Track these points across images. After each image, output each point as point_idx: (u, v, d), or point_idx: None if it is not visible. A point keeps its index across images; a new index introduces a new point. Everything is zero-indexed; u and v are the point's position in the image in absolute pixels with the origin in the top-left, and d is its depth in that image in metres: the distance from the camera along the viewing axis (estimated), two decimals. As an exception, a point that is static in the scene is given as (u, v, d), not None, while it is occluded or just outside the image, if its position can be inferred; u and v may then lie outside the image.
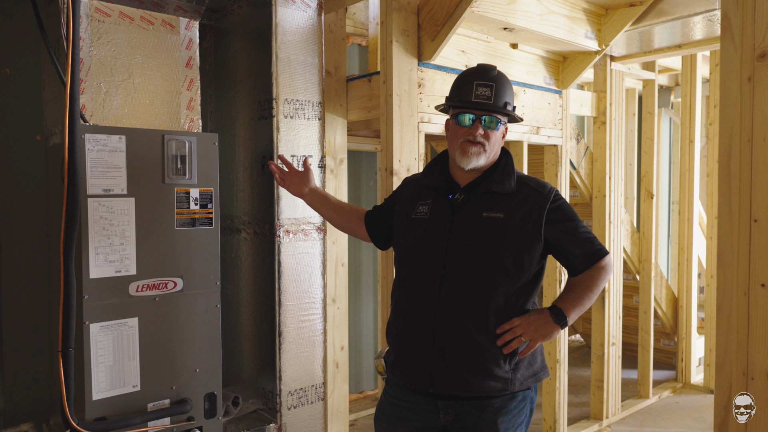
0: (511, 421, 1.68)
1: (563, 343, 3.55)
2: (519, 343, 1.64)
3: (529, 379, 1.70)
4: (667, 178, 6.43)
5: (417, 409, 1.71)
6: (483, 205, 1.68)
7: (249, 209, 2.59)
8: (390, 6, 2.51)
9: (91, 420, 1.95)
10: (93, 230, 1.95)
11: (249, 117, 2.58)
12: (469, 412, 1.67)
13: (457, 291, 1.65)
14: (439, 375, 1.65)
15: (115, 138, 1.99)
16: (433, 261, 1.68)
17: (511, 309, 1.67)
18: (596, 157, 3.91)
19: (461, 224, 1.68)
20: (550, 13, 2.90)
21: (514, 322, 1.64)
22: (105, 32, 2.22)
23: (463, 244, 1.66)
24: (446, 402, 1.68)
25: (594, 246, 1.70)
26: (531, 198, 1.69)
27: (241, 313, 2.67)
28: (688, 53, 3.82)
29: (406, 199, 1.84)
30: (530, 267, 1.67)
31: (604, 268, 1.69)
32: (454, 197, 1.72)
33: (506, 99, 1.71)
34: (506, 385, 1.66)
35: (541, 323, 1.65)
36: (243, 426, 2.40)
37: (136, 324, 2.05)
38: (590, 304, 1.70)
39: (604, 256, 1.70)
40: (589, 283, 1.69)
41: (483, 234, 1.66)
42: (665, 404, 4.34)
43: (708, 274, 4.62)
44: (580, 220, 1.72)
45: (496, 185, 1.70)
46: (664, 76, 5.18)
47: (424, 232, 1.72)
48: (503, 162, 1.75)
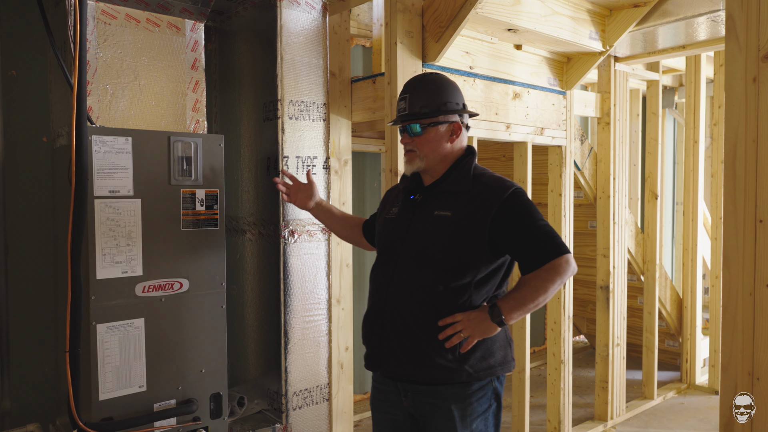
0: (468, 409, 1.73)
1: (567, 345, 3.55)
2: (459, 339, 1.69)
3: (483, 371, 1.73)
4: (671, 178, 6.42)
5: (386, 390, 1.85)
6: (436, 204, 1.77)
7: (254, 210, 2.60)
8: (394, 7, 2.52)
9: (97, 420, 1.96)
10: (100, 231, 1.96)
11: (254, 118, 2.59)
12: (423, 400, 1.76)
13: (404, 284, 1.75)
14: (386, 359, 1.78)
15: (122, 139, 2.00)
16: (391, 256, 1.81)
17: (455, 303, 1.71)
18: (600, 157, 3.91)
19: (417, 222, 1.79)
20: (554, 14, 2.90)
21: (456, 317, 1.70)
22: (111, 34, 2.23)
23: (415, 241, 1.77)
24: (404, 385, 1.78)
25: (547, 246, 1.67)
26: (482, 196, 1.72)
27: (246, 314, 2.68)
28: (693, 54, 3.82)
29: (387, 200, 1.99)
30: (475, 264, 1.70)
31: (554, 269, 1.65)
32: (415, 198, 1.84)
33: (421, 103, 1.79)
34: (451, 374, 1.71)
35: (479, 320, 1.68)
36: (248, 426, 2.41)
37: (142, 325, 2.06)
38: (536, 306, 1.69)
39: (556, 256, 1.66)
40: (536, 283, 1.67)
41: (431, 231, 1.75)
42: (670, 405, 4.33)
43: (713, 274, 4.61)
44: (540, 220, 1.70)
45: (450, 185, 1.78)
46: (668, 76, 5.18)
47: (389, 229, 1.87)
48: (462, 161, 1.82)
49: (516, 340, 3.35)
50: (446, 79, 1.85)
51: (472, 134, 2.90)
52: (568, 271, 1.67)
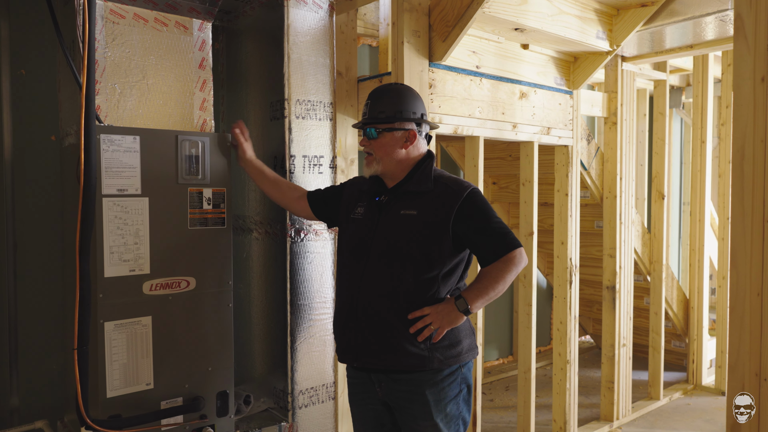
0: (441, 393, 1.87)
1: (573, 345, 3.54)
2: (429, 331, 1.83)
3: (452, 358, 1.88)
4: (677, 178, 6.39)
5: (361, 383, 1.99)
6: (402, 204, 1.91)
7: (260, 209, 2.61)
8: (401, 7, 2.52)
9: (105, 417, 1.97)
10: (107, 230, 1.97)
11: (261, 117, 2.59)
12: (398, 388, 1.89)
13: (375, 279, 1.88)
14: (361, 351, 1.90)
15: (130, 138, 2.01)
16: (360, 254, 1.92)
17: (424, 295, 1.85)
18: (607, 157, 3.90)
19: (384, 222, 1.91)
20: (562, 14, 2.89)
21: (425, 311, 1.83)
22: (119, 34, 2.24)
23: (383, 239, 1.89)
24: (378, 376, 1.91)
25: (503, 240, 1.84)
26: (444, 196, 1.87)
27: (252, 313, 2.68)
28: (700, 53, 3.80)
29: (348, 198, 2.08)
30: (440, 258, 1.85)
31: (511, 260, 1.83)
32: (381, 199, 1.96)
33: (379, 109, 1.93)
34: (423, 361, 1.85)
35: (447, 312, 1.83)
36: (255, 424, 2.42)
37: (149, 323, 2.07)
38: (496, 294, 1.85)
39: (511, 249, 1.83)
40: (495, 274, 1.83)
41: (399, 229, 1.88)
42: (676, 406, 4.31)
43: (720, 275, 4.59)
44: (495, 217, 1.87)
45: (414, 185, 1.91)
46: (675, 76, 5.15)
47: (356, 229, 1.98)
48: (423, 164, 1.95)
49: (521, 339, 3.34)
50: (410, 90, 1.99)
51: (479, 134, 2.90)
52: (522, 262, 1.85)
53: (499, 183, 4.81)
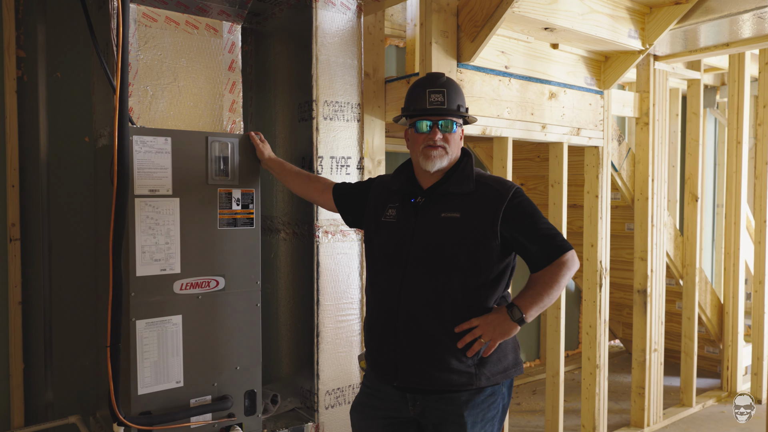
0: (479, 415, 1.72)
1: (603, 349, 3.48)
2: (480, 345, 1.68)
3: (498, 375, 1.74)
4: (711, 180, 6.24)
5: (387, 398, 1.80)
6: (442, 207, 1.75)
7: (288, 210, 2.62)
8: (429, 7, 2.50)
9: (136, 414, 2.01)
10: (140, 229, 2.00)
11: (289, 119, 2.61)
12: (435, 407, 1.73)
13: (416, 289, 1.72)
14: (403, 369, 1.73)
15: (161, 140, 2.04)
16: (397, 261, 1.76)
17: (471, 306, 1.70)
18: (639, 158, 3.82)
19: (422, 226, 1.75)
20: (593, 13, 2.85)
21: (473, 323, 1.68)
22: (152, 37, 2.28)
23: (423, 244, 1.73)
24: (414, 395, 1.74)
25: (555, 242, 1.71)
26: (488, 197, 1.73)
27: (280, 313, 2.70)
28: (737, 52, 3.70)
29: (377, 199, 1.92)
30: (488, 264, 1.71)
31: (565, 264, 1.69)
32: (416, 200, 1.80)
33: (458, 102, 1.79)
34: (470, 379, 1.70)
35: (499, 323, 1.68)
36: (281, 424, 2.43)
37: (180, 321, 2.09)
38: (551, 300, 1.71)
39: (564, 252, 1.69)
40: (548, 279, 1.69)
41: (441, 234, 1.72)
42: (709, 413, 4.20)
43: (756, 279, 4.46)
44: (542, 218, 1.74)
45: (455, 186, 1.76)
46: (709, 75, 5.03)
47: (391, 234, 1.81)
48: (462, 163, 1.81)
49: (549, 343, 3.30)
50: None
51: (507, 135, 2.87)
52: (575, 265, 1.71)
53: (527, 184, 4.75)
